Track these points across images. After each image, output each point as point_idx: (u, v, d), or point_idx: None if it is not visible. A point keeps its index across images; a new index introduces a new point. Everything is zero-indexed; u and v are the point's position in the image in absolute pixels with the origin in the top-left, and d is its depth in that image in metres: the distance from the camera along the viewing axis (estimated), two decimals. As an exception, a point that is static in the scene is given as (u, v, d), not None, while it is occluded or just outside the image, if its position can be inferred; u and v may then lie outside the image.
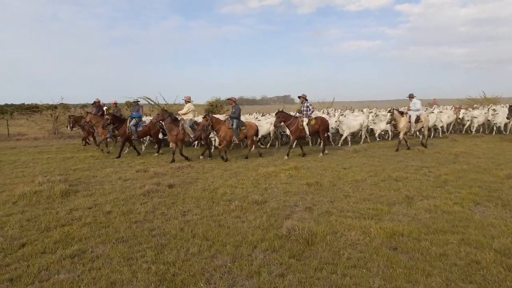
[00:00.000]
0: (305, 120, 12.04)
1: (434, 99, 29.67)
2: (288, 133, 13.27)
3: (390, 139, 16.44)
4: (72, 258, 4.50)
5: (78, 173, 9.98)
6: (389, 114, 13.58)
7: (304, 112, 12.23)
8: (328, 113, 18.69)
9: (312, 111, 12.37)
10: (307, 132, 12.12)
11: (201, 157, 12.25)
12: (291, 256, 4.41)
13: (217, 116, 13.44)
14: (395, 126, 13.49)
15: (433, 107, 23.56)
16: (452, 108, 20.88)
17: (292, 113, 13.31)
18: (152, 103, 26.11)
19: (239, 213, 6.10)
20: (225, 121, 11.80)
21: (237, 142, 12.15)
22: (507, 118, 15.04)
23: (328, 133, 13.55)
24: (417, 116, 13.19)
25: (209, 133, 12.10)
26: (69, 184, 8.20)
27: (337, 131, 14.98)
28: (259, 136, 13.61)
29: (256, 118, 17.40)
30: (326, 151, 12.56)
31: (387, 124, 14.73)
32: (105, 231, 5.41)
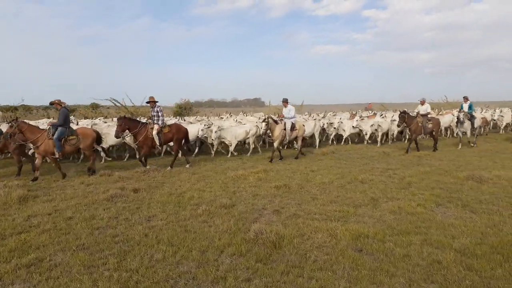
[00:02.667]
0: (156, 128, 10.43)
1: (370, 103, 29.49)
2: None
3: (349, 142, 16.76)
4: (28, 267, 4.27)
5: (38, 177, 9.55)
6: (264, 124, 12.02)
7: (155, 119, 10.64)
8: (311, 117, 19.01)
9: (163, 118, 10.73)
10: (157, 142, 10.53)
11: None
12: (258, 260, 4.37)
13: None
14: (269, 136, 12.07)
15: (368, 112, 23.29)
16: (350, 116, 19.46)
17: (142, 119, 12.16)
18: (119, 105, 25.50)
19: (206, 217, 6.00)
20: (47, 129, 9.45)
21: (58, 157, 9.34)
22: (397, 125, 13.64)
23: (187, 144, 12.09)
24: (293, 123, 12.05)
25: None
26: (27, 189, 7.83)
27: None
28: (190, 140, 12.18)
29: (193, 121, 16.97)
30: (188, 165, 10.95)
31: (263, 135, 13.64)
32: (65, 238, 5.18)
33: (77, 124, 14.48)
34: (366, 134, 16.00)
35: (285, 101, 12.14)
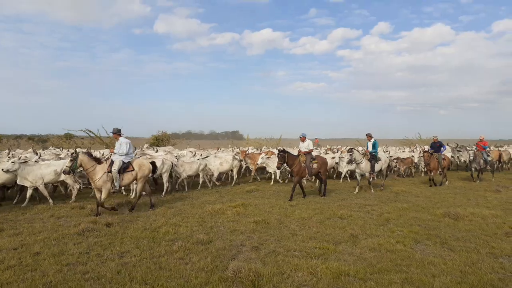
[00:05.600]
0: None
1: (316, 139, 29.39)
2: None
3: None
4: (-14, 309, 3.94)
5: (5, 209, 9.08)
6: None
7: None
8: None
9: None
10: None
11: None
12: (236, 301, 4.17)
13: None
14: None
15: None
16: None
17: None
18: (93, 135, 25.04)
19: (182, 254, 5.77)
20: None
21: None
22: (277, 167, 11.93)
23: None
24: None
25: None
26: (-8, 223, 7.40)
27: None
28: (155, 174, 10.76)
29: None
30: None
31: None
32: (31, 275, 4.85)
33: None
34: (275, 172, 14.71)
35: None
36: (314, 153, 12.41)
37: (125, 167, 9.00)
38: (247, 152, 17.02)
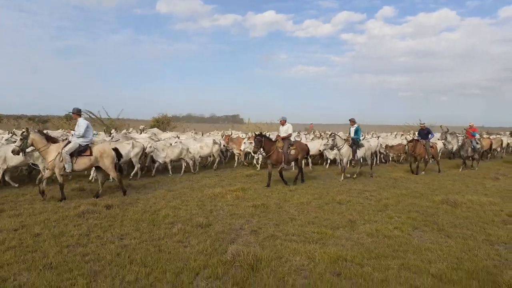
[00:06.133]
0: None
1: (311, 124, 28.87)
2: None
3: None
4: (-12, 288, 4.00)
5: (5, 190, 9.13)
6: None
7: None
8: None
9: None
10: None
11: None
12: (234, 284, 4.23)
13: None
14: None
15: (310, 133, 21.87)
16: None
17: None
18: (94, 117, 24.99)
19: (182, 237, 5.82)
20: None
21: None
22: (253, 151, 12.20)
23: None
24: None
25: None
26: (-7, 203, 7.45)
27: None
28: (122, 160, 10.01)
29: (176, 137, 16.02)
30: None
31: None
32: (32, 256, 4.91)
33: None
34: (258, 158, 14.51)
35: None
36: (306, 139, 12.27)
37: (81, 151, 8.44)
38: (231, 136, 16.24)
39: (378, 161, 16.95)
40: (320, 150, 14.69)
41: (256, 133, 11.75)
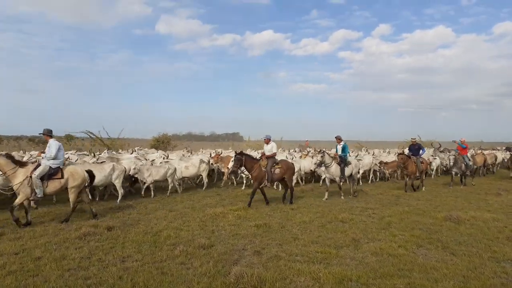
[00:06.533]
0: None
1: (307, 141, 28.52)
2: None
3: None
4: (-12, 315, 3.92)
5: (6, 213, 9.05)
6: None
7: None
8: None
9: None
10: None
11: None
12: (239, 307, 4.16)
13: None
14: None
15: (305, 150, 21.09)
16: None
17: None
18: (94, 137, 25.06)
19: (184, 258, 5.76)
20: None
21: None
22: (232, 170, 11.86)
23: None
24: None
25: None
26: (-7, 226, 7.38)
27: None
28: (102, 182, 10.46)
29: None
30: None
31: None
32: (33, 281, 4.83)
33: None
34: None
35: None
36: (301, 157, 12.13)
37: (51, 174, 8.06)
38: (220, 154, 16.06)
39: (374, 178, 16.78)
40: (311, 170, 14.57)
41: (237, 151, 11.48)
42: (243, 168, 10.61)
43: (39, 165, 8.11)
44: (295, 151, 20.48)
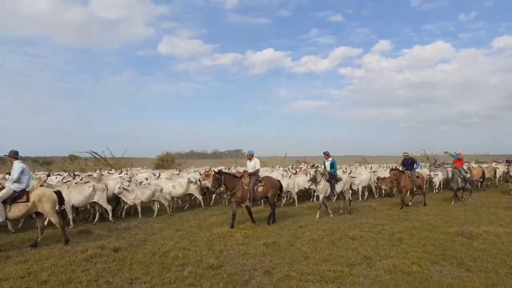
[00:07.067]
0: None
1: (304, 157, 27.84)
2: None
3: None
4: None
5: (11, 235, 8.97)
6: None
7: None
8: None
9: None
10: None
11: None
12: (252, 330, 4.03)
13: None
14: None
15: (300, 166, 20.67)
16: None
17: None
18: (98, 157, 25.08)
19: (193, 280, 5.63)
20: None
21: None
22: (211, 190, 12.19)
23: None
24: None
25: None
26: (-2, 250, 7.28)
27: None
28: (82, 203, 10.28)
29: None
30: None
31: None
32: (39, 306, 4.71)
33: None
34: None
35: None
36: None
37: (15, 197, 7.72)
38: (209, 171, 15.05)
39: (375, 194, 16.38)
40: (305, 188, 14.03)
41: (215, 170, 10.88)
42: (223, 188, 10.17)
43: (2, 187, 7.88)
44: (291, 168, 19.80)
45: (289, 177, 14.74)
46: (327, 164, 11.88)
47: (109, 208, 10.76)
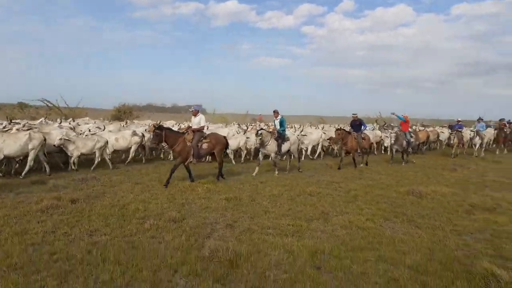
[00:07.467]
0: None
1: (260, 115, 28.09)
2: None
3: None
4: None
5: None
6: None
7: None
8: None
9: None
10: None
11: None
12: (215, 281, 4.13)
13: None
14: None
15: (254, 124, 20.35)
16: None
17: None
18: (51, 105, 23.81)
19: (155, 232, 5.63)
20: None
21: None
22: (152, 146, 12.23)
23: None
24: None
25: None
26: None
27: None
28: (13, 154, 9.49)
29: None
30: None
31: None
32: (-7, 256, 4.55)
33: None
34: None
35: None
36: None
37: None
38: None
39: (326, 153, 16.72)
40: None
41: (155, 125, 10.16)
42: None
43: None
44: (246, 125, 19.45)
45: (244, 133, 14.70)
46: (277, 122, 11.79)
47: (30, 163, 9.84)
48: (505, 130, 19.91)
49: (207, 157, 11.17)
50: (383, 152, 18.95)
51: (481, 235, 5.94)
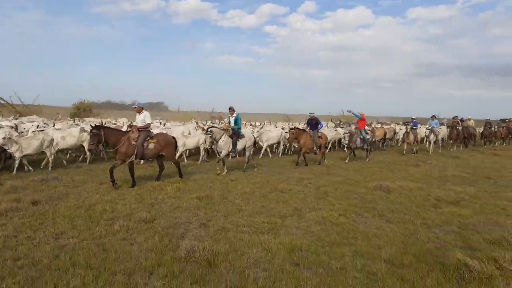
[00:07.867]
0: None
1: (220, 112, 28.14)
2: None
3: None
4: None
5: None
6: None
7: None
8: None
9: None
10: None
11: None
12: (193, 282, 4.00)
13: None
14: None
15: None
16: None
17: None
18: (4, 102, 22.49)
19: (126, 234, 5.40)
20: None
21: None
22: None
23: None
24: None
25: None
26: None
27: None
28: None
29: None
30: None
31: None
32: None
33: None
34: None
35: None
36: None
37: None
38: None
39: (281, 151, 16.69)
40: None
41: (92, 125, 9.19)
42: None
43: None
44: (203, 124, 19.07)
45: (204, 132, 14.45)
46: (231, 119, 11.60)
47: None
48: (457, 127, 20.82)
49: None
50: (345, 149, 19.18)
51: (449, 228, 6.14)
